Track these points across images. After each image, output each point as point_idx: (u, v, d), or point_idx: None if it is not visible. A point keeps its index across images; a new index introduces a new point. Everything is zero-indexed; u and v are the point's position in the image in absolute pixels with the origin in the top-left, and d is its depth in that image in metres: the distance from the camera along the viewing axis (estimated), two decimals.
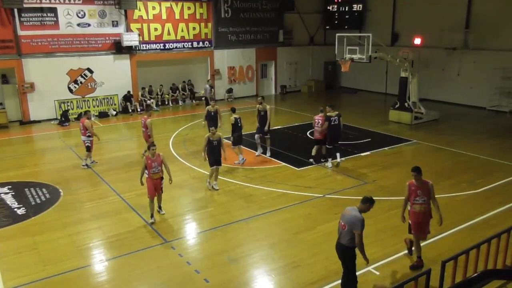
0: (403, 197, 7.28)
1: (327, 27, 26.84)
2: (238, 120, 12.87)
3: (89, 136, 12.52)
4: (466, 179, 11.37)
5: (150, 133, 12.85)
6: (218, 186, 10.92)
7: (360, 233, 5.93)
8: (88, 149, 12.64)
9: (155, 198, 9.24)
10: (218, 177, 11.07)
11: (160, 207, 9.54)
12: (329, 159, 12.58)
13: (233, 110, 13.26)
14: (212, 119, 13.44)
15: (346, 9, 25.55)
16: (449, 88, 21.70)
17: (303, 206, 9.84)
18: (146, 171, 8.99)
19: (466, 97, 21.03)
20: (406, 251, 7.71)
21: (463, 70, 21.04)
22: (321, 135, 12.49)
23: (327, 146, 12.63)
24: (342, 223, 6.07)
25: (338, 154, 12.61)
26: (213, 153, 10.70)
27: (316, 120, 12.54)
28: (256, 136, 13.57)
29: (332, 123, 12.18)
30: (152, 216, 9.10)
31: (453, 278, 5.53)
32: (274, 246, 8.10)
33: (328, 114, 12.32)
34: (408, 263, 7.41)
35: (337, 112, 12.43)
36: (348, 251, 6.14)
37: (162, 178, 9.20)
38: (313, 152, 12.75)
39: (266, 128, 13.21)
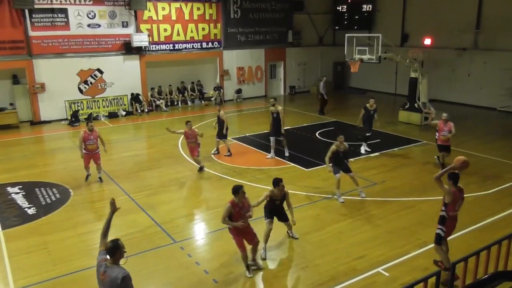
0: (413, 198, 7.24)
1: (336, 27, 26.77)
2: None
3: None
4: (476, 180, 11.26)
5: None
6: (230, 188, 10.88)
7: None
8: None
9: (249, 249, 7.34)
10: (226, 177, 11.04)
11: (254, 260, 7.39)
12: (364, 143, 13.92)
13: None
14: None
15: (356, 10, 25.47)
16: (459, 88, 21.51)
17: (312, 207, 9.82)
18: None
19: (476, 98, 20.83)
20: (415, 252, 7.68)
21: (473, 70, 20.85)
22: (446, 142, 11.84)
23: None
24: None
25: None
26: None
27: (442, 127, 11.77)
28: (272, 138, 13.44)
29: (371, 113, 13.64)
30: (248, 268, 7.17)
31: (463, 279, 5.49)
32: (282, 247, 8.09)
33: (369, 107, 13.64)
34: (418, 263, 7.36)
35: (375, 106, 13.69)
36: None
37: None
38: (440, 159, 12.12)
39: (282, 130, 13.23)
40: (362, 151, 13.87)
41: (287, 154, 13.55)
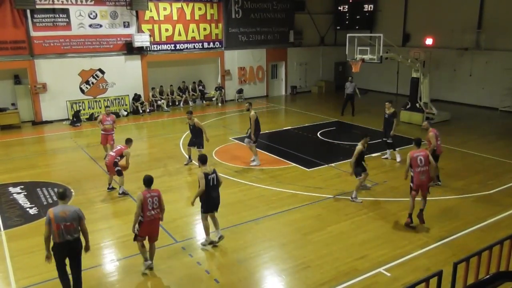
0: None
1: (338, 27, 26.76)
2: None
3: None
4: (477, 180, 11.24)
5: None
6: (232, 188, 10.88)
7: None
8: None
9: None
10: (228, 177, 11.06)
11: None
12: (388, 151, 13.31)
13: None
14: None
15: (357, 10, 25.44)
16: (461, 88, 21.49)
17: (313, 207, 9.82)
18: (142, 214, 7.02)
19: (478, 98, 20.81)
20: (416, 253, 7.69)
21: (475, 70, 20.82)
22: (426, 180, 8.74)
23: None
24: (67, 223, 6.09)
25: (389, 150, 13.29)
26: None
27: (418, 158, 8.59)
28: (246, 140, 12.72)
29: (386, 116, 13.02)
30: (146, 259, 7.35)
31: (465, 280, 5.46)
32: (283, 247, 8.09)
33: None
34: (419, 264, 7.35)
35: (393, 110, 12.98)
36: (80, 242, 6.40)
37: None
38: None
39: (252, 136, 12.32)
40: (398, 159, 13.00)
41: (253, 163, 12.68)
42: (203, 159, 7.91)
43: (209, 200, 7.80)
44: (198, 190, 7.72)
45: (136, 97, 20.76)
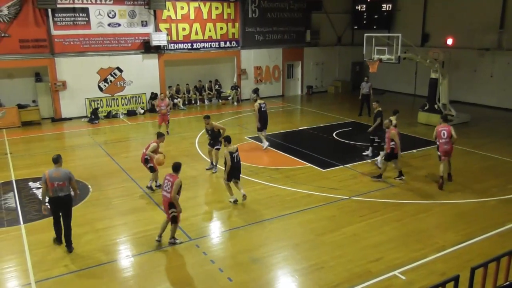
0: (430, 201, 7.12)
1: (355, 27, 26.53)
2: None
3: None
4: (497, 184, 11.01)
5: None
6: (246, 187, 10.89)
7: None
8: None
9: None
10: (243, 176, 11.03)
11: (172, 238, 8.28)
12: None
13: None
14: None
15: (375, 9, 25.18)
16: (481, 90, 21.08)
17: (328, 208, 9.76)
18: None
19: (499, 100, 20.39)
20: (433, 256, 7.59)
21: (496, 71, 20.40)
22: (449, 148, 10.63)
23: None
24: (60, 183, 7.56)
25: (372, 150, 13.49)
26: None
27: (442, 131, 10.65)
28: (263, 132, 14.42)
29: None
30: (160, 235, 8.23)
31: (482, 286, 5.36)
32: (297, 247, 8.07)
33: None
34: (435, 268, 7.24)
35: (379, 109, 13.18)
36: (70, 198, 7.83)
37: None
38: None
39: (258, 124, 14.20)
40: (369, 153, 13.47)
41: (265, 145, 14.30)
42: (229, 139, 9.77)
43: (233, 172, 9.75)
44: (226, 166, 9.61)
45: (153, 96, 20.97)
